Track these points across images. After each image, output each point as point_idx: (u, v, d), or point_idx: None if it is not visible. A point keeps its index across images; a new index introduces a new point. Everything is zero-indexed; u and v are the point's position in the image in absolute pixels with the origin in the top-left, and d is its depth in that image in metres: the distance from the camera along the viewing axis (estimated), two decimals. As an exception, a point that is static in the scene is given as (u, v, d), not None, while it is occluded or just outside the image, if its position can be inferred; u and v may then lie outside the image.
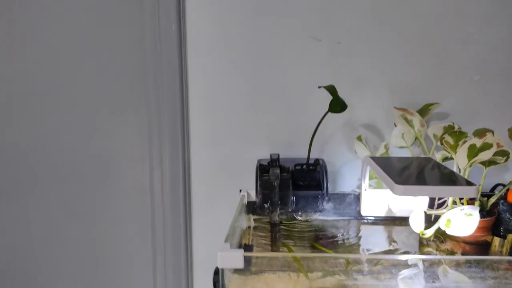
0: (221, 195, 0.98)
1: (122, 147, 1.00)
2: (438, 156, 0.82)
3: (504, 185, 0.79)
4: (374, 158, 0.77)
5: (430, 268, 0.63)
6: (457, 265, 0.64)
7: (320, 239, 0.79)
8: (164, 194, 0.98)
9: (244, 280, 0.61)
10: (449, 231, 0.71)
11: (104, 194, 1.02)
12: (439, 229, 0.74)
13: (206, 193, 0.99)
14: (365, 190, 0.83)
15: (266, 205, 0.83)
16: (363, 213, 0.85)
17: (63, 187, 1.03)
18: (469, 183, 0.60)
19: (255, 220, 0.85)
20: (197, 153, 0.98)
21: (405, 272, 0.62)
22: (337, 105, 0.78)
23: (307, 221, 0.86)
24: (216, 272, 0.65)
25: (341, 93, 0.81)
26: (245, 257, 0.60)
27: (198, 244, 1.01)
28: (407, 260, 0.64)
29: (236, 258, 0.57)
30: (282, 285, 0.61)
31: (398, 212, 0.83)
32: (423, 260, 0.64)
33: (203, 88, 0.96)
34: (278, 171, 0.84)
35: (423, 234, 0.74)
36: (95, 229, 1.03)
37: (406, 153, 0.87)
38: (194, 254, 1.02)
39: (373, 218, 0.85)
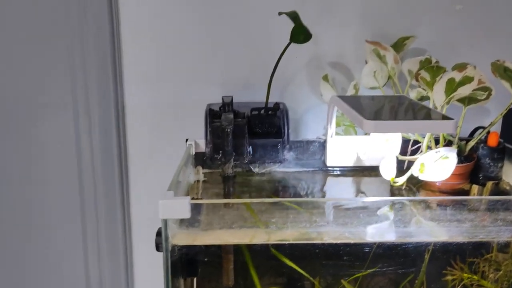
0: (163, 147, 0.98)
1: (36, 88, 0.96)
2: (413, 95, 0.84)
3: (484, 128, 0.83)
4: (342, 97, 0.79)
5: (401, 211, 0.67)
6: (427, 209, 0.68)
7: (281, 194, 0.81)
8: (93, 146, 0.97)
9: (192, 236, 0.62)
10: (423, 177, 0.75)
11: (16, 148, 0.98)
12: (412, 176, 0.77)
13: (145, 144, 0.98)
14: (331, 136, 0.85)
15: (217, 156, 0.84)
16: (328, 163, 0.87)
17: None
18: (446, 118, 0.62)
19: (204, 174, 0.86)
20: (133, 95, 0.97)
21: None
22: (300, 33, 0.78)
23: (265, 173, 0.87)
24: (159, 233, 0.65)
25: (305, 23, 0.81)
26: (193, 210, 0.60)
27: (136, 206, 1.02)
28: (377, 208, 0.67)
29: (182, 206, 0.57)
30: (237, 239, 0.62)
31: (367, 161, 0.86)
32: (393, 203, 0.67)
33: (140, 14, 0.93)
34: (231, 116, 0.84)
35: (394, 182, 0.78)
36: (9, 189, 1.00)
37: (378, 94, 0.89)
38: (132, 218, 1.02)
39: (340, 169, 0.88)
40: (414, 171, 0.76)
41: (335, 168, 0.88)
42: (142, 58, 0.95)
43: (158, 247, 0.67)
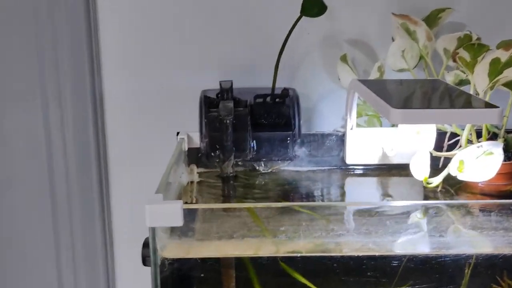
0: (150, 142, 0.99)
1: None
2: (449, 79, 0.85)
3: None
4: (364, 81, 0.80)
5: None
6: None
7: (291, 197, 0.82)
8: (66, 143, 0.97)
9: (186, 247, 0.63)
10: (462, 177, 0.75)
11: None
12: (449, 176, 0.78)
13: (128, 140, 0.99)
14: (351, 128, 0.86)
15: (215, 153, 0.85)
16: (348, 160, 0.87)
17: None
18: (489, 106, 0.63)
19: (200, 173, 0.87)
20: (113, 83, 0.97)
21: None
22: (313, 4, 0.78)
23: (272, 173, 0.88)
24: (146, 244, 0.66)
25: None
26: (186, 217, 0.61)
27: (119, 212, 1.03)
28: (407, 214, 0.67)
29: (173, 212, 0.57)
30: (239, 251, 0.63)
31: (395, 158, 0.87)
32: (426, 208, 0.67)
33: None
34: (231, 105, 0.85)
35: (427, 183, 0.78)
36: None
37: (407, 78, 0.90)
38: (114, 227, 1.03)
39: (362, 167, 0.88)
40: (451, 169, 0.76)
41: (356, 167, 0.88)
42: (123, 39, 0.96)
43: (145, 261, 0.68)
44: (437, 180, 0.78)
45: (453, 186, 0.81)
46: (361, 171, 0.88)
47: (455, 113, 0.61)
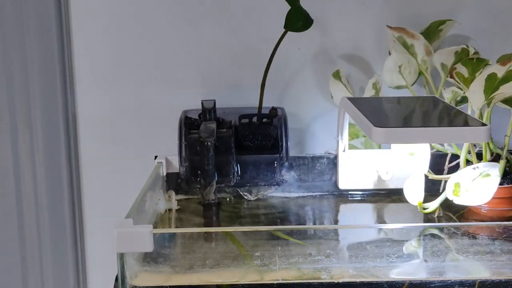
0: (126, 167, 1.04)
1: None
2: (447, 96, 0.91)
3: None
4: (355, 100, 0.86)
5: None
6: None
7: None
8: (36, 169, 1.01)
9: (162, 278, 0.69)
10: (458, 201, 0.81)
11: None
12: (448, 201, 0.83)
13: (103, 164, 1.04)
14: (344, 151, 0.92)
15: (195, 178, 0.90)
16: (341, 185, 0.93)
17: None
18: (477, 124, 0.69)
19: (179, 201, 0.92)
20: (87, 101, 1.02)
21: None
22: (298, 18, 0.85)
23: (258, 199, 0.93)
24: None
25: (309, 4, 0.88)
26: (160, 242, 0.67)
27: (93, 246, 1.07)
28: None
29: (141, 237, 0.64)
30: (223, 279, 0.68)
31: (391, 182, 0.93)
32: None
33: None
34: (213, 125, 0.90)
35: (423, 208, 0.84)
36: None
37: (405, 95, 0.95)
38: (87, 259, 1.07)
39: (356, 193, 0.94)
40: (448, 193, 0.82)
41: (349, 192, 0.94)
42: (97, 53, 1.01)
43: (116, 293, 0.74)
44: (433, 205, 0.84)
45: (456, 213, 0.86)
46: (355, 197, 0.94)
47: (439, 132, 0.67)
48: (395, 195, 0.93)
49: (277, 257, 0.71)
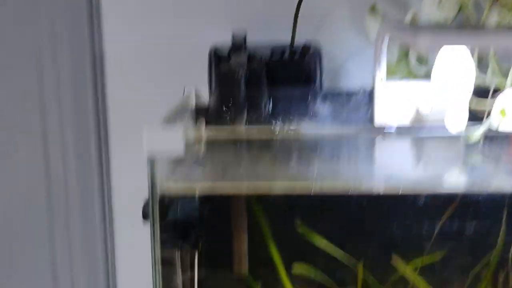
0: (155, 103, 1.01)
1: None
2: (494, 20, 0.86)
3: None
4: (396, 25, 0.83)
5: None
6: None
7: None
8: (62, 107, 1.02)
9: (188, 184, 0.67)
10: (504, 127, 0.77)
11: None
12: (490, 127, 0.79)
13: (131, 102, 1.04)
14: (381, 80, 0.89)
15: (225, 110, 0.87)
16: (378, 120, 0.90)
17: None
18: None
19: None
20: (113, 37, 1.02)
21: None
22: None
23: (289, 133, 0.91)
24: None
25: None
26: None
27: (120, 187, 1.07)
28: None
29: (172, 138, 0.62)
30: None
31: (432, 115, 0.89)
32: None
33: None
34: (244, 57, 0.89)
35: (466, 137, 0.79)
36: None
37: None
38: (115, 202, 1.07)
39: (395, 128, 0.91)
40: (493, 117, 0.77)
41: (388, 127, 0.90)
42: None
43: (146, 216, 0.72)
44: (475, 133, 0.79)
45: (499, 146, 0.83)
46: (394, 132, 0.90)
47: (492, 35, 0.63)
48: (434, 131, 0.88)
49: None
